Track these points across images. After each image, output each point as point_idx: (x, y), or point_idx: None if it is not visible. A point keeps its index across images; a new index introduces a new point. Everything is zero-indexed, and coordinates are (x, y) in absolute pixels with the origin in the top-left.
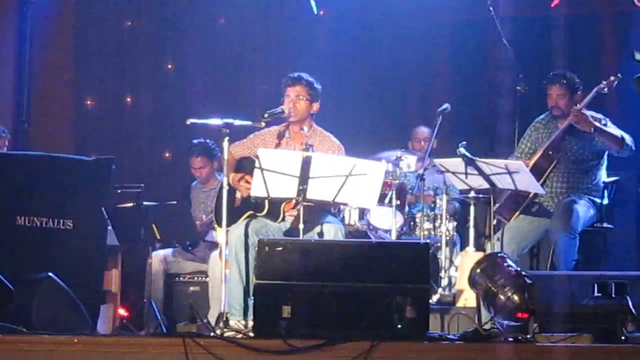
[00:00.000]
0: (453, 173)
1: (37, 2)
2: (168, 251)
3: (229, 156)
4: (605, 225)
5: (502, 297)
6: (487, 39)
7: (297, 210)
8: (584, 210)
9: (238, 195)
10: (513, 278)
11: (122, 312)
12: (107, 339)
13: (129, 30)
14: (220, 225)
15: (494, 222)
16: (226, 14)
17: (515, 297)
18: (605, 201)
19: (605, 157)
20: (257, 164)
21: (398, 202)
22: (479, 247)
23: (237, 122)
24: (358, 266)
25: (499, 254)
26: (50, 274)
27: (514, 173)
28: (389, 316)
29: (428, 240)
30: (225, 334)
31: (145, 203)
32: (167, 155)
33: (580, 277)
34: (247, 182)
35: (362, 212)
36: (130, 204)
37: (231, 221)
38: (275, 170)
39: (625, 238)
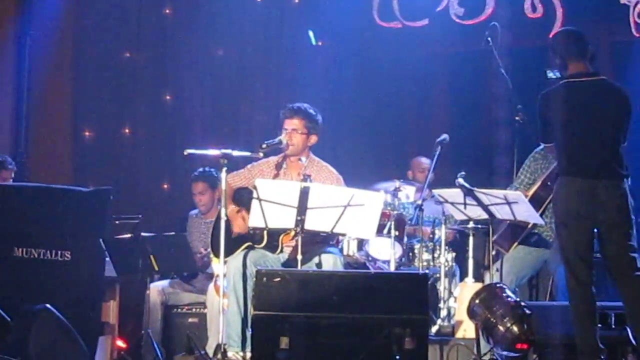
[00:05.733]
0: (452, 203)
1: (35, 33)
2: (166, 282)
3: (226, 186)
4: None
5: (501, 327)
6: (486, 69)
7: (296, 241)
8: None
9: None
10: (512, 309)
11: (120, 343)
12: None
13: (127, 61)
14: (217, 256)
15: (493, 252)
16: (224, 45)
17: (515, 328)
18: None
19: None
20: (255, 195)
21: (397, 233)
22: (478, 277)
23: (235, 153)
24: (357, 297)
25: (498, 285)
26: (48, 305)
27: (513, 203)
28: (388, 347)
29: (427, 271)
30: None
31: (143, 234)
32: (165, 186)
33: None
34: (243, 218)
35: (361, 243)
36: (128, 235)
37: (229, 252)
38: (273, 200)
39: None
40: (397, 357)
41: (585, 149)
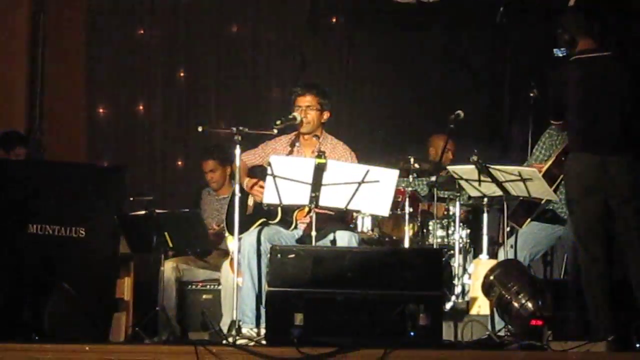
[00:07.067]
0: (466, 180)
1: (50, 10)
2: (181, 259)
3: (241, 164)
4: None
5: (515, 304)
6: (501, 45)
7: (310, 217)
8: None
9: (250, 202)
10: (527, 285)
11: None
12: (119, 347)
13: (141, 38)
14: (231, 233)
15: (508, 229)
16: (238, 21)
17: (529, 304)
18: None
19: None
20: (269, 171)
21: (411, 210)
22: (492, 254)
23: (249, 130)
24: (371, 273)
25: (513, 261)
26: (63, 282)
27: (528, 180)
28: (402, 323)
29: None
30: (238, 342)
31: (157, 211)
32: (179, 163)
33: None
34: (262, 187)
35: (375, 220)
36: (143, 212)
37: (243, 229)
38: (287, 177)
39: None
40: (412, 333)
41: (595, 124)
